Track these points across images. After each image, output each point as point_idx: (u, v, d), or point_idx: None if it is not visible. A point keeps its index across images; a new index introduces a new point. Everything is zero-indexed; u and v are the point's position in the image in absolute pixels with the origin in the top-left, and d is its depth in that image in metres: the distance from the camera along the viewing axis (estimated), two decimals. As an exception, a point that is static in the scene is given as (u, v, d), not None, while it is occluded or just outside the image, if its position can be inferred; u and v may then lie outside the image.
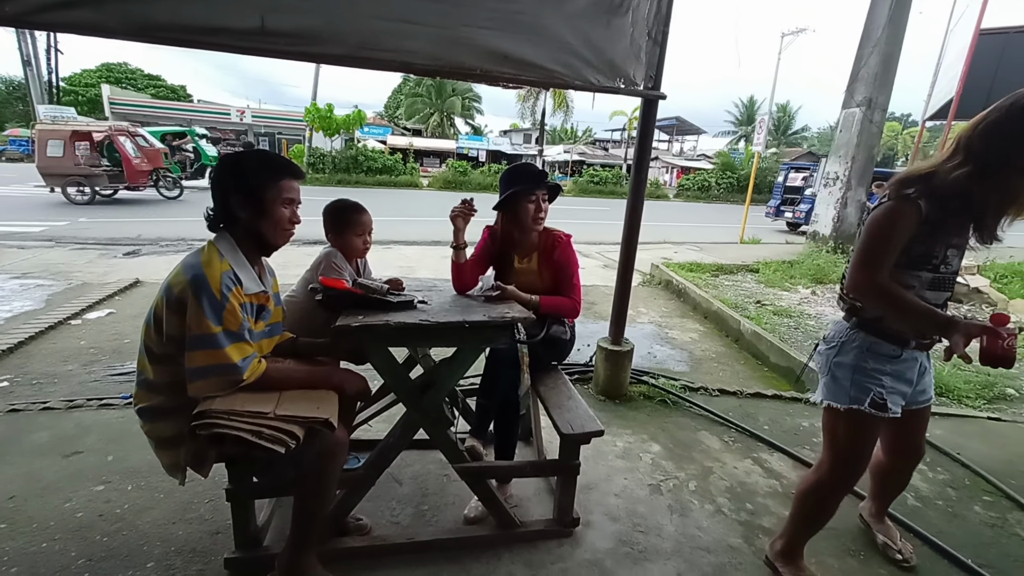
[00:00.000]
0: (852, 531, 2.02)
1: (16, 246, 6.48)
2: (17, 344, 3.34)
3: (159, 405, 1.38)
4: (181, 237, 7.60)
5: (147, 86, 36.58)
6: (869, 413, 1.51)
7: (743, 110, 46.05)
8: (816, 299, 5.90)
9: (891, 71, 7.83)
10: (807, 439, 2.75)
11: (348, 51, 2.01)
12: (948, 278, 1.49)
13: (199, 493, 1.95)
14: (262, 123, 31.81)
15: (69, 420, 2.48)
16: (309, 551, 1.52)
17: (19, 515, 1.83)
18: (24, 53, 23.06)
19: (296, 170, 1.52)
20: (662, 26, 2.41)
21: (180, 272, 1.34)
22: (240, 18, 1.84)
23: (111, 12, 1.73)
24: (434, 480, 2.16)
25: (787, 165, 17.48)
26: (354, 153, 21.74)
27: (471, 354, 1.72)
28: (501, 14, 2.11)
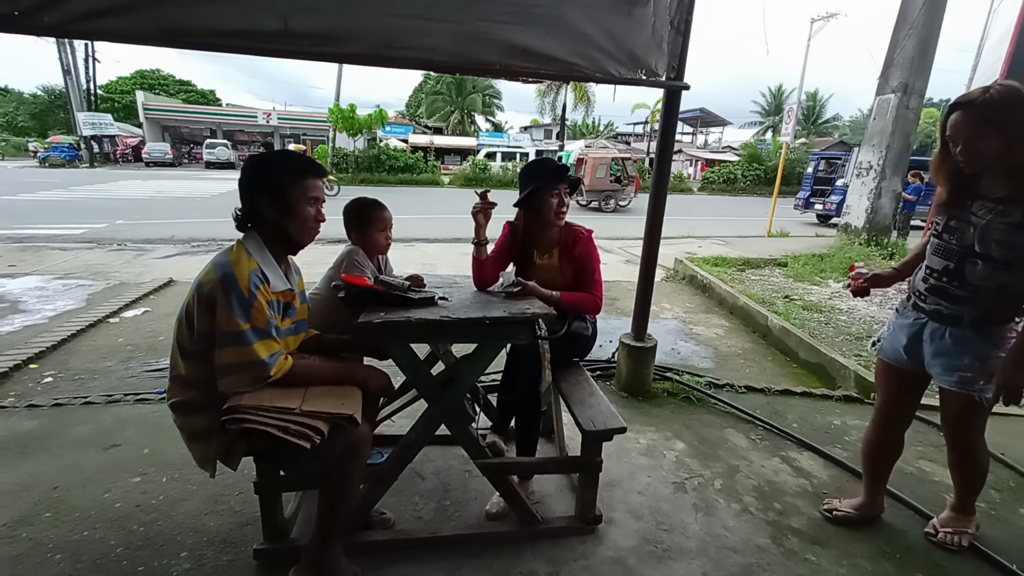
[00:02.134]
0: (886, 533, 1.95)
1: (59, 248, 6.79)
2: (60, 341, 3.50)
3: (191, 400, 1.42)
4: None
5: (178, 91, 37.85)
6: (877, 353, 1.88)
7: (771, 100, 44.76)
8: (848, 293, 5.71)
9: (929, 55, 7.48)
10: (838, 437, 2.66)
11: (369, 50, 2.02)
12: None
13: (229, 486, 2.01)
14: (287, 125, 32.54)
15: (108, 414, 2.58)
16: (335, 543, 1.55)
17: (62, 504, 1.92)
18: (64, 63, 24.15)
19: (319, 169, 1.54)
20: (685, 15, 2.36)
21: (210, 271, 1.38)
22: (264, 20, 1.88)
23: (142, 19, 1.79)
24: (456, 476, 2.18)
25: (817, 155, 16.93)
26: (376, 152, 22.03)
27: (492, 350, 1.72)
28: (519, 8, 2.10)
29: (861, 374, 3.28)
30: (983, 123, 1.41)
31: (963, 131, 1.45)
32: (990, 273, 1.49)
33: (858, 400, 3.09)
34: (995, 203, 1.47)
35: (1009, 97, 1.38)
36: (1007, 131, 1.38)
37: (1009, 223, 1.43)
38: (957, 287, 1.55)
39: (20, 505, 1.90)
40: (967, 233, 1.51)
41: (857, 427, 2.78)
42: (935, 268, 1.61)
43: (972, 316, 1.54)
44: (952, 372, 1.59)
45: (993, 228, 1.45)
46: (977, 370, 1.55)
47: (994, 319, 1.54)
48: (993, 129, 1.40)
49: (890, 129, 7.66)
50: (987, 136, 1.41)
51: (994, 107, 1.39)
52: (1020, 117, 1.37)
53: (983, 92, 1.41)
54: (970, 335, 1.56)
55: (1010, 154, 1.40)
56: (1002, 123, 1.38)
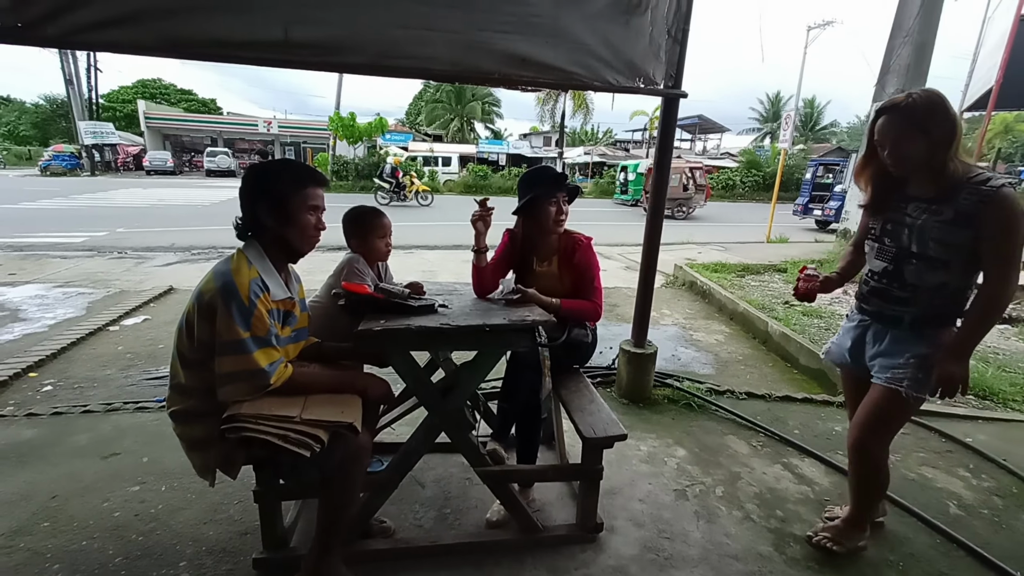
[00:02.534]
0: (890, 541, 1.94)
1: (59, 256, 6.80)
2: (60, 349, 3.50)
3: (191, 408, 1.42)
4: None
5: (180, 100, 38.06)
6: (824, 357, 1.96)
7: (768, 106, 45.00)
8: (848, 298, 5.71)
9: (925, 62, 7.53)
10: (840, 444, 2.65)
11: (369, 60, 2.04)
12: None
13: (229, 495, 2.00)
14: (288, 133, 32.69)
15: (107, 423, 2.57)
16: (335, 552, 1.54)
17: (61, 514, 1.91)
18: (66, 72, 24.30)
19: (320, 177, 1.55)
20: (682, 24, 2.38)
21: (211, 279, 1.38)
22: (265, 31, 1.89)
23: (146, 30, 1.81)
24: (456, 484, 2.17)
25: (815, 161, 17.00)
26: (376, 160, 22.09)
27: (492, 357, 1.72)
28: (518, 17, 2.12)
29: (862, 380, 3.28)
30: (908, 127, 1.46)
31: (890, 134, 1.50)
32: (928, 273, 1.52)
33: (859, 406, 3.08)
34: (928, 203, 1.51)
35: (929, 102, 1.44)
36: (930, 134, 1.44)
37: (943, 221, 1.46)
38: (897, 288, 1.58)
39: (18, 515, 1.89)
40: (903, 234, 1.55)
41: (858, 433, 2.76)
42: (875, 271, 1.65)
43: (913, 317, 1.56)
44: (887, 370, 1.61)
45: (929, 227, 1.49)
46: (911, 367, 1.56)
47: (934, 320, 1.56)
48: (917, 132, 1.45)
49: (887, 135, 7.69)
50: (912, 139, 1.46)
51: (916, 111, 1.45)
52: (940, 121, 1.43)
53: (906, 97, 1.47)
54: (910, 336, 1.58)
55: (933, 156, 1.45)
56: (925, 127, 1.44)
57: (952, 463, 2.51)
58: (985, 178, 1.42)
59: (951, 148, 1.43)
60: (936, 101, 1.44)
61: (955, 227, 1.45)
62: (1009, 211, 1.38)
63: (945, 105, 1.44)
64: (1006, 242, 1.41)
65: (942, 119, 1.43)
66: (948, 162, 1.44)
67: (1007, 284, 1.43)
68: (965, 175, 1.45)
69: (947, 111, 1.44)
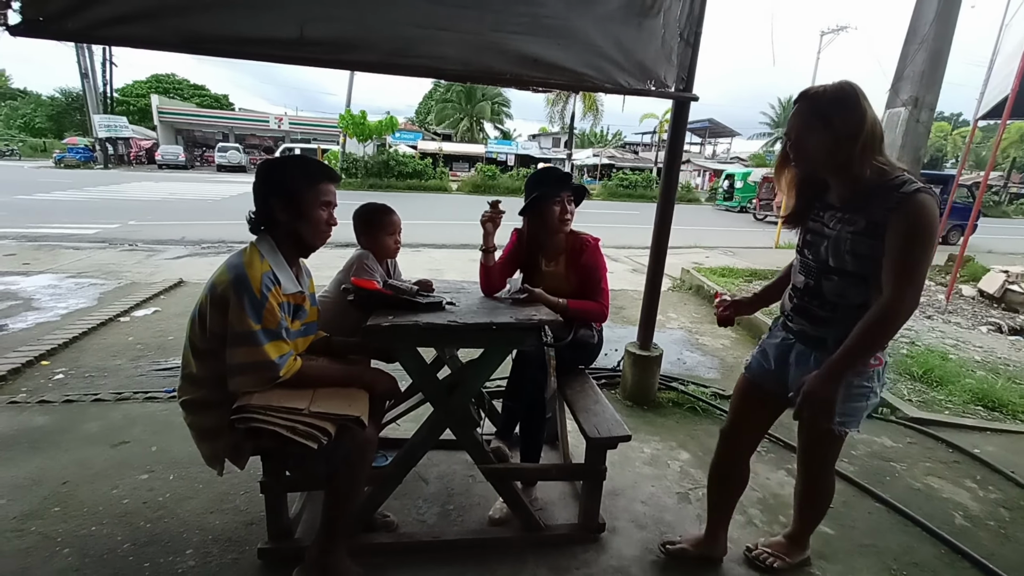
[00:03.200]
0: (894, 549, 1.93)
1: (72, 247, 6.89)
2: (72, 339, 3.55)
3: (201, 398, 1.44)
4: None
5: (192, 95, 38.40)
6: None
7: (780, 111, 44.70)
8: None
9: (939, 69, 7.44)
10: (845, 451, 2.63)
11: (381, 58, 2.06)
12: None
13: (235, 485, 2.03)
14: (299, 130, 32.94)
15: (117, 412, 2.61)
16: (339, 544, 1.56)
17: (71, 499, 1.94)
18: (82, 66, 24.63)
19: (332, 174, 1.57)
20: (694, 27, 2.38)
21: (224, 272, 1.40)
22: (281, 29, 1.92)
23: (164, 26, 1.84)
24: (460, 480, 2.18)
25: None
26: (386, 158, 22.21)
27: (498, 356, 1.73)
28: (530, 18, 2.13)
29: (869, 388, 3.26)
30: (812, 117, 1.31)
31: (794, 124, 1.35)
32: (847, 289, 1.36)
33: (865, 414, 3.06)
34: (843, 211, 1.35)
35: (839, 92, 1.29)
36: (832, 127, 1.28)
37: (856, 231, 1.30)
38: (818, 306, 1.42)
39: (30, 499, 1.93)
40: (821, 247, 1.39)
41: (864, 441, 2.75)
42: (798, 287, 1.49)
43: (836, 338, 1.36)
44: (793, 392, 1.42)
45: (844, 238, 1.33)
46: (840, 400, 1.36)
47: None
48: (820, 123, 1.29)
49: (900, 143, 7.61)
50: (815, 131, 1.30)
51: (823, 100, 1.30)
52: (846, 113, 1.27)
53: (821, 87, 1.32)
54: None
55: (836, 152, 1.29)
56: (828, 118, 1.28)
57: (959, 474, 2.49)
58: (901, 182, 1.25)
59: (856, 145, 1.26)
60: (846, 91, 1.28)
61: (868, 237, 1.28)
62: (916, 218, 1.21)
63: (855, 97, 1.27)
64: (907, 253, 1.22)
65: (847, 111, 1.27)
66: (854, 162, 1.28)
67: (901, 302, 1.23)
68: (881, 179, 1.28)
69: (856, 103, 1.26)
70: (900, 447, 2.73)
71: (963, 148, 17.61)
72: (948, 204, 8.33)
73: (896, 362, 3.89)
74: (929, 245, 1.23)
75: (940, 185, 12.21)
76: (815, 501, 1.70)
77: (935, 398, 3.34)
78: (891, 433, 2.86)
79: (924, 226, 1.21)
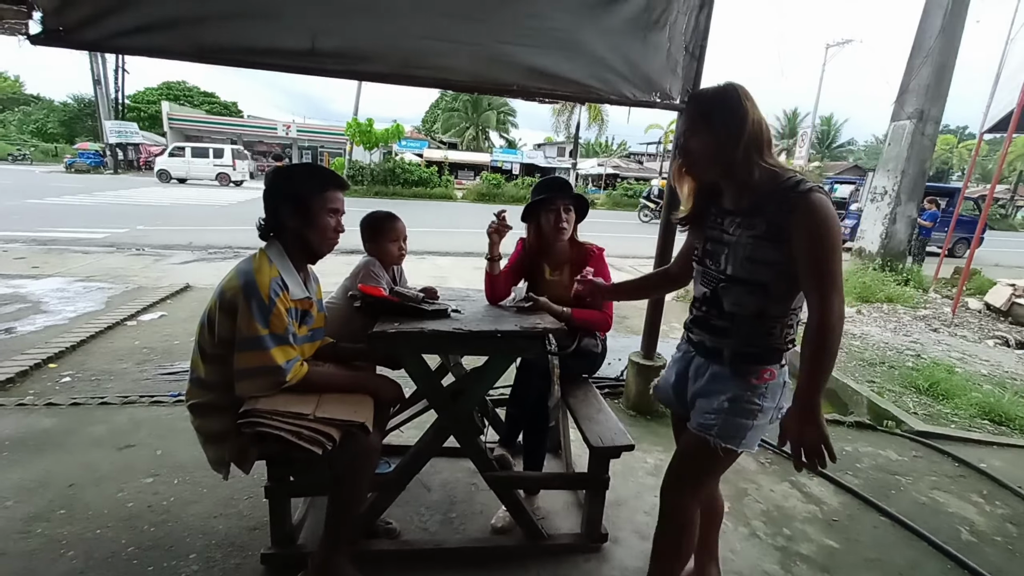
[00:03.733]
0: (899, 564, 1.91)
1: (81, 251, 6.97)
2: (79, 342, 3.58)
3: (209, 402, 1.46)
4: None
5: (202, 103, 38.86)
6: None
7: (785, 123, 44.82)
8: (862, 318, 5.65)
9: (945, 82, 7.49)
10: (850, 464, 2.62)
11: (391, 69, 2.10)
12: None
13: (239, 490, 2.04)
14: (306, 137, 33.23)
15: (123, 415, 2.63)
16: (342, 550, 1.56)
17: (77, 502, 1.95)
18: (95, 73, 25.00)
19: (341, 181, 1.60)
20: (700, 40, 2.41)
21: (233, 277, 1.42)
22: (293, 40, 1.96)
23: (180, 36, 1.88)
24: (463, 488, 2.18)
25: (832, 179, 16.89)
26: (392, 166, 22.38)
27: (502, 363, 1.74)
28: (538, 31, 2.16)
29: (874, 400, 3.25)
30: (696, 117, 1.29)
31: (682, 125, 1.35)
32: (744, 298, 1.29)
33: (871, 427, 3.05)
34: (741, 216, 1.29)
35: (720, 92, 1.26)
36: (713, 127, 1.25)
37: (755, 236, 1.25)
38: (716, 317, 1.36)
39: (36, 501, 1.94)
40: (722, 255, 1.33)
41: (869, 454, 2.74)
42: (697, 297, 1.43)
43: (732, 351, 1.32)
44: (701, 414, 1.36)
45: (743, 244, 1.27)
46: (723, 413, 1.31)
47: (753, 356, 1.31)
48: (704, 124, 1.26)
49: (905, 155, 7.64)
50: (698, 132, 1.27)
51: (704, 101, 1.29)
52: (727, 114, 1.23)
53: (707, 88, 1.32)
54: (728, 374, 1.33)
55: (719, 153, 1.25)
56: (709, 119, 1.26)
57: (965, 488, 2.47)
58: (794, 182, 1.20)
59: (739, 146, 1.21)
60: (727, 91, 1.25)
61: (767, 242, 1.23)
62: (818, 216, 1.15)
63: (736, 97, 1.23)
64: (818, 254, 1.16)
65: (728, 112, 1.23)
66: (738, 164, 1.23)
67: (830, 306, 1.15)
68: (774, 182, 1.23)
69: (737, 103, 1.22)
70: (905, 460, 2.71)
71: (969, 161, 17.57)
72: (954, 217, 8.30)
73: (901, 375, 3.87)
74: (836, 242, 1.17)
75: (946, 198, 12.18)
76: (675, 538, 1.46)
77: (941, 412, 3.31)
78: (896, 446, 2.84)
79: (827, 225, 1.16)
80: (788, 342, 1.31)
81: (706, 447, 1.31)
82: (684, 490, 1.42)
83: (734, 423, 1.30)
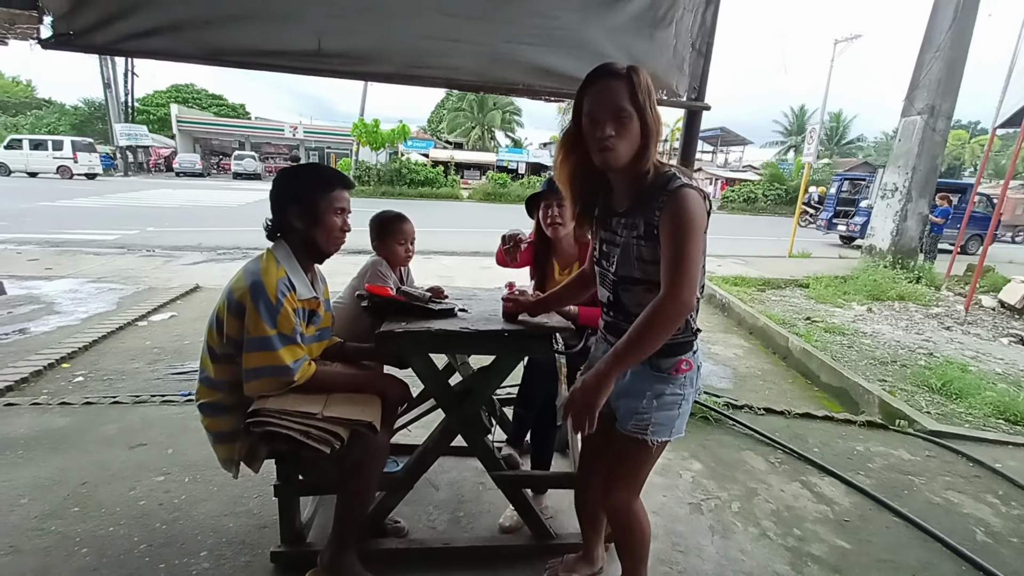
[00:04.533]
0: (912, 564, 1.89)
1: (93, 252, 7.05)
2: (92, 342, 3.63)
3: (219, 402, 1.47)
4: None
5: (211, 105, 39.17)
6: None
7: (793, 120, 44.43)
8: (873, 316, 5.59)
9: (956, 77, 7.40)
10: (861, 464, 2.60)
11: (397, 69, 2.10)
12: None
13: (249, 488, 2.05)
14: (313, 139, 33.42)
15: (135, 414, 2.66)
16: (350, 549, 1.57)
17: (90, 500, 1.98)
18: (105, 77, 25.32)
19: (346, 181, 1.60)
20: (706, 37, 2.39)
21: (241, 278, 1.43)
22: (299, 41, 1.96)
23: (188, 39, 1.89)
24: (470, 487, 2.18)
25: (840, 176, 16.72)
26: (398, 166, 22.45)
27: (509, 363, 1.73)
28: (543, 30, 2.15)
29: (886, 399, 3.21)
30: (631, 95, 1.20)
31: (605, 100, 1.24)
32: (643, 297, 1.26)
33: (882, 426, 3.02)
34: (626, 216, 1.28)
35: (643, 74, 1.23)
36: (645, 110, 1.21)
37: (638, 236, 1.24)
38: (623, 319, 1.33)
39: (51, 499, 1.97)
40: (615, 257, 1.32)
41: (881, 454, 2.70)
42: (603, 302, 1.42)
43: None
44: (631, 415, 1.36)
45: (630, 245, 1.26)
46: (652, 411, 1.33)
47: (667, 351, 1.27)
48: (634, 105, 1.20)
49: (916, 151, 7.55)
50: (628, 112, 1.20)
51: (639, 80, 1.22)
52: (652, 97, 1.22)
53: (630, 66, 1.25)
54: (647, 370, 1.32)
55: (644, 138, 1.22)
56: (648, 99, 1.21)
57: (980, 488, 2.44)
58: (667, 179, 1.21)
59: (655, 134, 1.21)
60: (644, 73, 1.22)
61: (646, 242, 1.23)
62: (681, 210, 1.16)
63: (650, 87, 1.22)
64: (674, 248, 1.16)
65: (652, 94, 1.22)
66: (648, 151, 1.22)
67: (673, 299, 1.15)
68: (656, 177, 1.22)
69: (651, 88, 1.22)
70: (918, 460, 2.68)
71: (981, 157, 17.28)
72: (966, 213, 8.18)
73: (913, 373, 3.83)
74: (693, 236, 1.16)
75: (958, 194, 12.01)
76: (637, 535, 1.49)
77: (954, 411, 3.27)
78: (909, 446, 2.81)
79: (686, 219, 1.15)
80: (695, 331, 1.33)
81: (643, 445, 1.34)
82: (625, 489, 1.43)
83: (664, 416, 1.33)
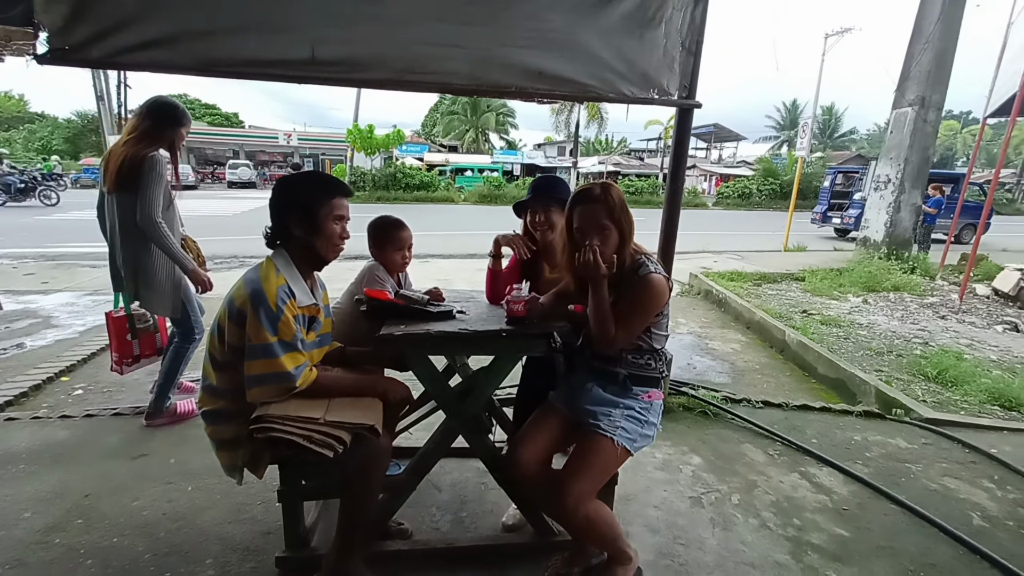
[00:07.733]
0: (910, 551, 1.92)
1: (89, 265, 7.04)
2: (90, 355, 3.64)
3: (221, 409, 1.48)
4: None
5: (204, 114, 39.11)
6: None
7: (785, 114, 44.66)
8: (868, 308, 5.63)
9: (946, 68, 7.45)
10: (859, 453, 2.62)
11: (391, 75, 2.12)
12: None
13: (252, 495, 2.06)
14: (307, 145, 33.41)
15: (136, 425, 2.67)
16: (354, 552, 1.58)
17: (93, 512, 1.99)
18: (97, 89, 25.18)
19: (346, 189, 1.62)
20: (696, 36, 2.42)
21: (241, 286, 1.45)
22: (293, 51, 1.98)
23: (182, 51, 1.91)
24: (472, 488, 2.20)
25: (834, 169, 16.79)
26: (393, 171, 22.44)
27: (508, 362, 1.75)
28: (536, 33, 2.18)
29: (882, 389, 3.24)
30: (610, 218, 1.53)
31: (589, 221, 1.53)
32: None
33: (879, 416, 3.05)
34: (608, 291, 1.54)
35: (618, 192, 1.56)
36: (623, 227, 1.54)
37: (613, 303, 1.53)
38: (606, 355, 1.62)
39: (54, 512, 1.97)
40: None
41: (878, 443, 2.73)
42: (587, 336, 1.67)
43: (625, 375, 1.60)
44: (604, 417, 1.55)
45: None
46: (623, 419, 1.55)
47: (641, 379, 1.60)
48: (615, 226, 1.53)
49: (908, 143, 7.60)
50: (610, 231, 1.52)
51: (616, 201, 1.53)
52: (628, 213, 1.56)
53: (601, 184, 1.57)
54: (624, 392, 1.60)
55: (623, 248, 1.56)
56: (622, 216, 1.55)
57: (976, 474, 2.46)
58: (639, 265, 1.54)
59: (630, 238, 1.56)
60: (617, 191, 1.55)
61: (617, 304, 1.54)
62: (645, 291, 1.50)
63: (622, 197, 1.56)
64: (630, 311, 1.52)
65: (627, 209, 1.55)
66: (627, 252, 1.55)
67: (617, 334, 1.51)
68: (631, 265, 1.56)
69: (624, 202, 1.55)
70: (915, 448, 2.71)
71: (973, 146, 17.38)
72: (959, 202, 8.25)
73: (909, 363, 3.86)
74: (646, 311, 1.53)
75: (950, 184, 12.09)
76: (607, 527, 1.58)
77: (950, 398, 3.30)
78: (906, 434, 2.84)
79: (646, 299, 1.51)
80: (662, 375, 1.64)
81: (609, 443, 1.51)
82: (588, 481, 1.53)
83: (632, 428, 1.54)
